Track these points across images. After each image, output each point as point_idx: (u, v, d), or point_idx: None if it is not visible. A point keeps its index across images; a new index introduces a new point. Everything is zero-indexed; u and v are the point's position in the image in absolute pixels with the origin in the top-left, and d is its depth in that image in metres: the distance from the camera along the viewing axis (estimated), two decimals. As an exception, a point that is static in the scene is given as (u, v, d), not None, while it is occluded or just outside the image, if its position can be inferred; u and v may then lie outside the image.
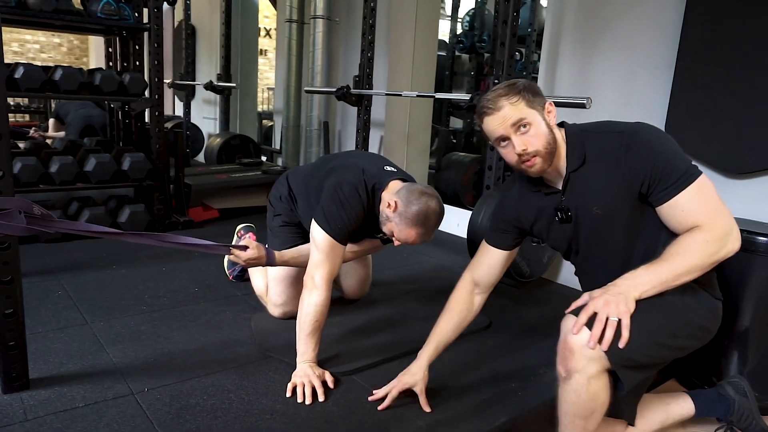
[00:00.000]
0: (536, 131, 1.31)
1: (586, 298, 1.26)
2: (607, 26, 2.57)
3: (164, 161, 3.29)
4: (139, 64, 3.43)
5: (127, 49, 3.50)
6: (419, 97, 3.43)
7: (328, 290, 1.66)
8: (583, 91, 2.62)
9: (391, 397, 1.53)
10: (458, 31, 6.70)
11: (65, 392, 1.50)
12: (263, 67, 10.14)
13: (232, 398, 1.53)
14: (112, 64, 3.68)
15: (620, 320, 1.18)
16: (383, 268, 2.71)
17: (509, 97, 1.30)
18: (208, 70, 6.42)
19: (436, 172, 5.21)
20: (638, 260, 1.29)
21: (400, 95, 3.53)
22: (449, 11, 6.89)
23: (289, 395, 1.55)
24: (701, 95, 2.22)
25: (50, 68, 2.92)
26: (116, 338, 1.84)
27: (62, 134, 4.46)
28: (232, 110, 5.94)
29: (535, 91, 1.33)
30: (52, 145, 3.79)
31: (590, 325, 1.19)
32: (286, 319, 2.04)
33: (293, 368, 1.63)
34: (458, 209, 3.58)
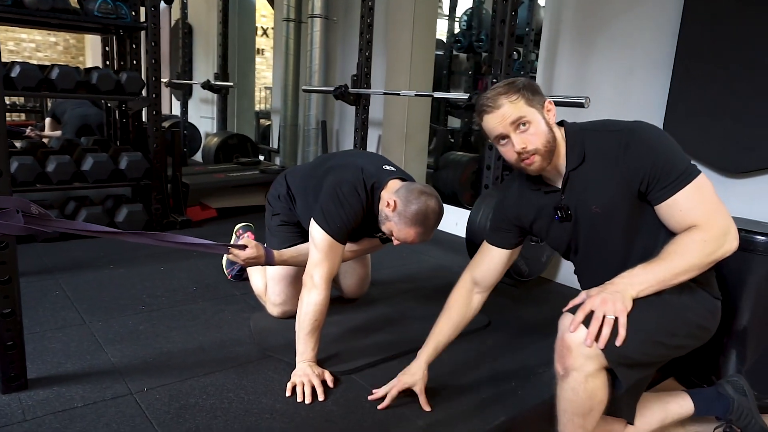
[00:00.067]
0: (535, 129, 1.31)
1: (583, 296, 1.26)
2: (605, 25, 2.57)
3: (162, 160, 3.28)
4: (136, 63, 3.42)
5: (123, 47, 3.48)
6: (417, 96, 3.43)
7: (327, 289, 1.66)
8: (581, 90, 2.62)
9: (390, 396, 1.53)
10: (456, 30, 6.70)
11: (64, 392, 1.50)
12: (260, 66, 10.12)
13: (231, 398, 1.53)
14: (108, 63, 3.67)
15: (617, 318, 1.18)
16: (382, 267, 2.71)
17: (509, 95, 1.31)
18: (205, 69, 6.41)
19: (434, 171, 5.21)
20: (637, 259, 1.29)
21: (398, 94, 3.52)
22: (447, 10, 6.88)
23: (288, 394, 1.55)
24: (699, 94, 2.22)
25: (47, 67, 2.91)
26: (115, 338, 1.84)
27: (59, 133, 4.44)
28: (229, 109, 5.93)
29: (534, 89, 1.34)
30: (48, 144, 3.77)
31: (587, 323, 1.19)
32: (285, 318, 2.04)
33: (293, 367, 1.63)
34: (456, 208, 3.58)
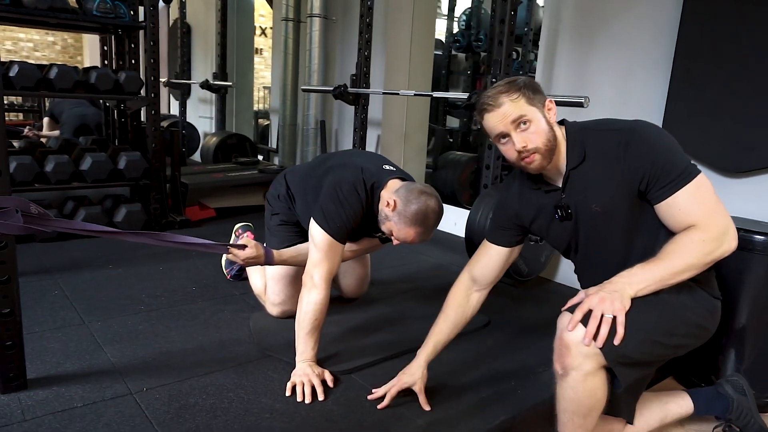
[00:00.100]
0: (536, 128, 1.31)
1: (581, 295, 1.26)
2: (604, 25, 2.58)
3: (160, 160, 3.27)
4: (134, 62, 3.41)
5: (122, 47, 3.48)
6: (417, 96, 3.43)
7: (327, 289, 1.65)
8: (580, 90, 2.62)
9: (390, 396, 1.53)
10: (455, 30, 6.70)
11: (63, 392, 1.49)
12: (259, 66, 10.11)
13: (231, 397, 1.53)
14: (107, 62, 3.66)
15: (615, 317, 1.17)
16: (381, 267, 2.71)
17: (510, 93, 1.30)
18: (203, 68, 6.40)
19: (433, 171, 5.21)
20: (637, 259, 1.29)
21: (397, 94, 3.52)
22: (446, 10, 6.88)
23: (288, 394, 1.55)
24: (698, 94, 2.22)
25: (45, 66, 2.90)
26: (114, 338, 1.83)
27: (57, 133, 4.43)
28: (228, 109, 5.92)
29: (535, 88, 1.33)
30: (46, 144, 3.77)
31: (585, 322, 1.19)
32: (284, 318, 2.03)
33: (292, 367, 1.63)
34: (455, 208, 3.59)
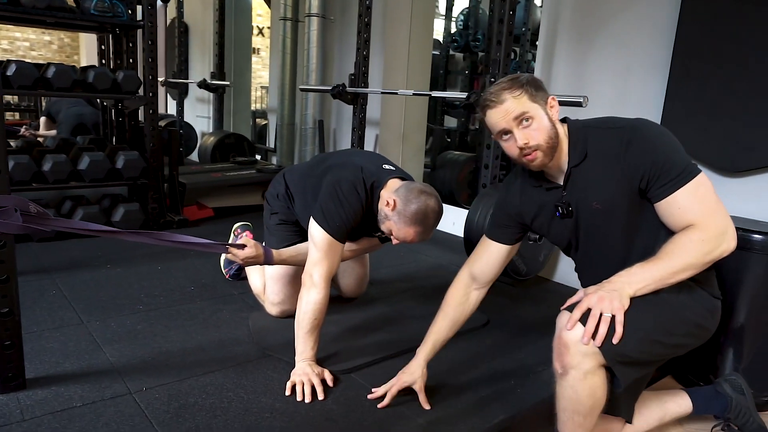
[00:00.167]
0: (538, 125, 1.31)
1: (580, 294, 1.26)
2: (602, 25, 2.58)
3: (159, 160, 3.26)
4: (132, 61, 3.40)
5: (120, 46, 3.47)
6: (415, 95, 3.43)
7: (326, 288, 1.66)
8: (579, 89, 2.63)
9: (390, 395, 1.53)
10: (452, 30, 6.70)
11: (62, 392, 1.49)
12: (256, 65, 10.10)
13: (231, 397, 1.53)
14: (105, 61, 3.65)
15: (614, 316, 1.17)
16: (380, 266, 2.71)
17: (512, 90, 1.30)
18: (201, 68, 6.39)
19: (431, 171, 5.21)
20: (637, 257, 1.29)
21: (396, 93, 3.52)
22: (443, 10, 6.88)
23: (288, 393, 1.55)
24: (697, 93, 2.23)
25: (43, 65, 2.90)
26: (113, 337, 1.83)
27: (54, 133, 4.42)
28: (225, 109, 5.91)
29: (537, 85, 1.33)
30: (43, 143, 3.76)
31: (584, 321, 1.19)
32: (283, 317, 2.03)
33: (292, 367, 1.63)
34: (454, 208, 3.59)
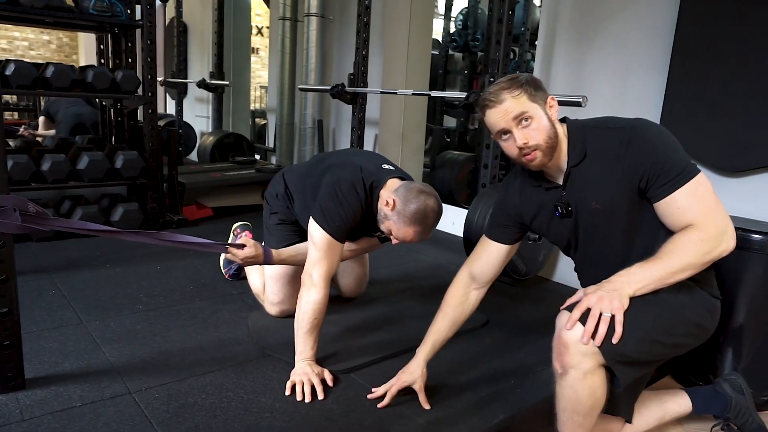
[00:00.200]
0: (537, 125, 1.31)
1: (580, 294, 1.26)
2: (601, 25, 2.58)
3: (158, 159, 3.26)
4: (131, 61, 3.40)
5: (119, 46, 3.46)
6: (415, 95, 3.43)
7: (326, 288, 1.66)
8: (578, 89, 2.63)
9: (390, 395, 1.53)
10: (451, 29, 6.70)
11: (62, 392, 1.49)
12: (255, 65, 10.09)
13: (231, 397, 1.53)
14: (103, 61, 3.65)
15: (614, 316, 1.17)
16: (379, 266, 2.71)
17: (511, 90, 1.30)
18: (200, 68, 6.39)
19: (430, 170, 5.21)
20: (637, 257, 1.29)
21: (395, 93, 3.52)
22: (442, 10, 6.88)
23: (288, 393, 1.55)
24: (696, 93, 2.23)
25: (42, 65, 2.89)
26: (112, 337, 1.83)
27: (52, 132, 4.41)
28: (224, 108, 5.91)
29: (537, 85, 1.33)
30: (42, 143, 3.75)
31: (584, 321, 1.19)
32: (283, 317, 2.03)
33: (292, 366, 1.63)
34: (453, 207, 3.59)
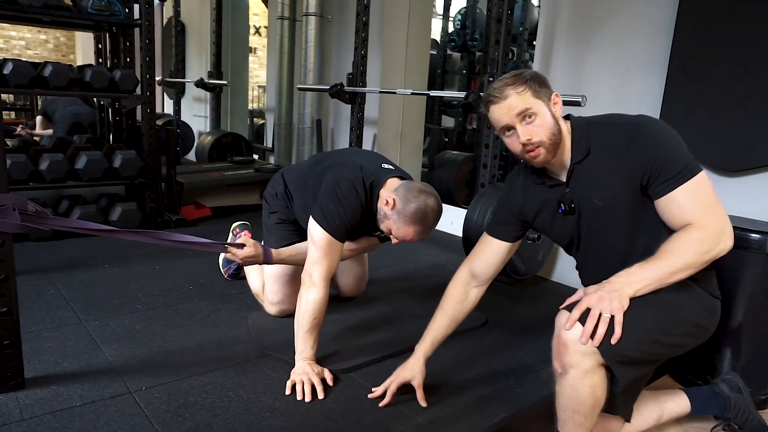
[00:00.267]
0: (541, 121, 1.31)
1: (580, 294, 1.26)
2: (600, 25, 2.59)
3: (156, 159, 3.25)
4: (129, 60, 3.39)
5: (117, 45, 3.46)
6: (414, 94, 3.43)
7: (326, 287, 1.66)
8: (577, 89, 2.63)
9: (390, 392, 1.53)
10: (450, 29, 6.71)
11: (62, 391, 1.49)
12: (253, 65, 10.08)
13: (231, 396, 1.53)
14: (101, 60, 3.64)
15: (613, 317, 1.17)
16: (378, 266, 2.71)
17: (516, 86, 1.30)
18: (198, 67, 6.37)
19: (429, 170, 5.22)
20: (638, 257, 1.29)
21: (394, 93, 3.52)
22: (441, 10, 6.89)
23: (288, 393, 1.55)
24: (695, 93, 2.24)
25: (40, 64, 2.88)
26: (111, 337, 1.83)
27: (50, 132, 4.40)
28: (222, 108, 5.90)
29: (541, 81, 1.33)
30: (40, 143, 3.74)
31: (583, 320, 1.19)
32: (282, 317, 2.03)
33: (292, 366, 1.63)
34: (452, 207, 3.59)
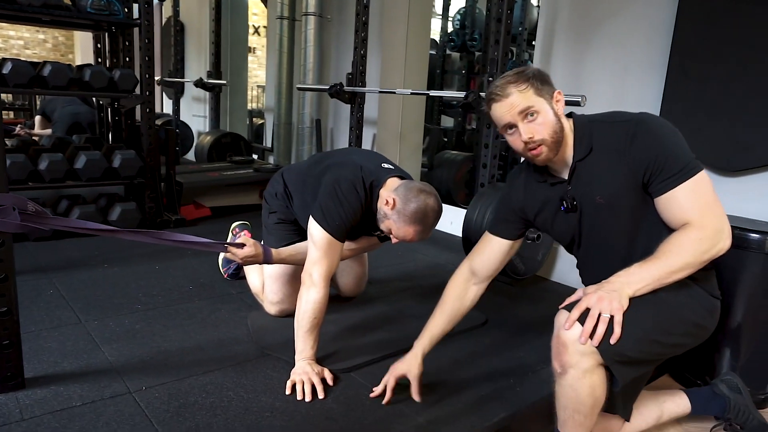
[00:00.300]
0: (543, 120, 1.30)
1: (579, 294, 1.26)
2: (600, 25, 2.59)
3: (155, 159, 3.25)
4: (128, 60, 3.39)
5: (116, 45, 3.46)
6: (413, 94, 3.43)
7: (326, 287, 1.66)
8: (577, 89, 2.63)
9: (389, 387, 1.53)
10: (449, 29, 6.71)
11: (61, 391, 1.48)
12: (252, 65, 10.06)
13: (231, 396, 1.52)
14: (101, 60, 3.64)
15: (612, 317, 1.17)
16: (378, 265, 2.71)
17: (518, 84, 1.30)
18: (197, 67, 6.37)
19: (428, 170, 5.22)
20: (639, 256, 1.28)
21: (393, 93, 3.52)
22: (440, 10, 6.89)
23: (288, 392, 1.55)
24: (694, 93, 2.24)
25: (39, 64, 2.88)
26: (111, 337, 1.82)
27: (49, 132, 4.40)
28: (222, 108, 5.89)
29: (544, 78, 1.32)
30: (39, 142, 3.74)
31: (582, 320, 1.19)
32: (282, 317, 2.03)
33: (292, 366, 1.63)
34: (451, 207, 3.59)
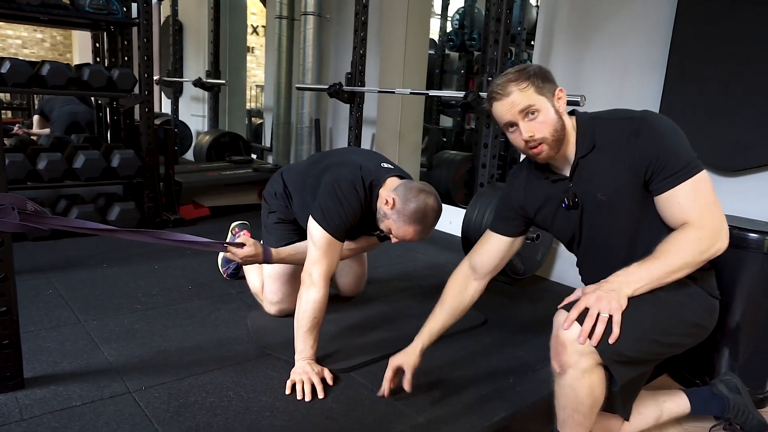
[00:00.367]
0: (544, 118, 1.30)
1: (578, 293, 1.26)
2: (599, 24, 2.59)
3: (154, 158, 3.25)
4: (127, 59, 3.38)
5: (115, 44, 3.45)
6: (413, 94, 3.43)
7: (326, 287, 1.66)
8: (576, 89, 2.63)
9: (387, 380, 1.54)
10: (448, 29, 6.72)
11: (61, 391, 1.48)
12: (250, 64, 10.05)
13: (231, 396, 1.52)
14: (99, 59, 3.63)
15: (611, 317, 1.17)
16: (377, 265, 2.71)
17: (519, 82, 1.29)
18: (195, 67, 6.36)
19: (427, 170, 5.22)
20: (638, 255, 1.28)
21: (393, 92, 3.52)
22: (439, 9, 6.89)
23: (288, 392, 1.55)
24: (693, 93, 2.24)
25: (37, 63, 2.87)
26: (111, 337, 1.82)
27: (47, 131, 4.39)
28: (220, 107, 5.89)
29: (545, 76, 1.32)
30: (37, 142, 3.73)
31: (581, 320, 1.19)
32: (282, 316, 2.03)
33: (291, 365, 1.63)
34: (450, 207, 3.59)
